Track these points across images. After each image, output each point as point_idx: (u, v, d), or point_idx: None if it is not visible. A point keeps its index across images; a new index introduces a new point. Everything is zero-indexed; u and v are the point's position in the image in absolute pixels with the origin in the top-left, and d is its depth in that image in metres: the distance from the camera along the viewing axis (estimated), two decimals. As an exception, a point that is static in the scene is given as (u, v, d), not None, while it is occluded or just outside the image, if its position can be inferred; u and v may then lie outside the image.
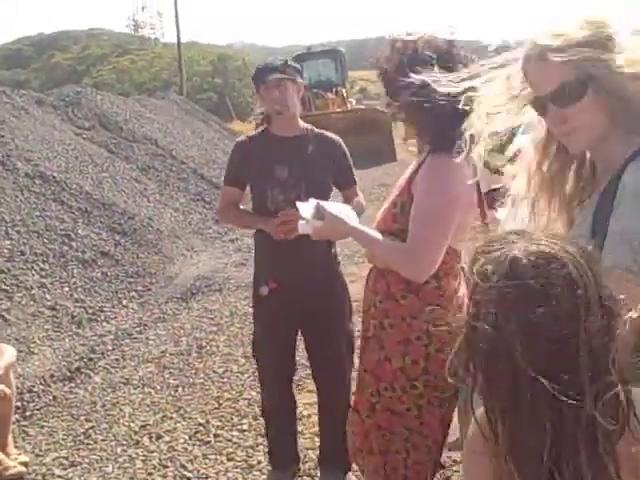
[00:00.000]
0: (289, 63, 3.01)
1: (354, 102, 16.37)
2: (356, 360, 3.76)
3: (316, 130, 3.08)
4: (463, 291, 2.16)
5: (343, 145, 3.09)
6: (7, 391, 3.41)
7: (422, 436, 2.12)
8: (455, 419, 2.26)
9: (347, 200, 3.04)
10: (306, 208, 2.28)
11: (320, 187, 2.90)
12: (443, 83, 1.64)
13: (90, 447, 3.79)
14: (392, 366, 2.11)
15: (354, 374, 3.35)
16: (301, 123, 3.07)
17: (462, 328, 1.10)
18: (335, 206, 2.30)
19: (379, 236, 2.11)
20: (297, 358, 3.25)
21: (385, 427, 2.15)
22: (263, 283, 3.07)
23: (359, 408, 2.27)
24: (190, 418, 4.02)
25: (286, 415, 3.22)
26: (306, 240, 2.32)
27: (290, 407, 3.22)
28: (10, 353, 3.63)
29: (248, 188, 3.10)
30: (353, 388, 3.14)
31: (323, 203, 2.25)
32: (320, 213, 2.21)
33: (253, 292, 3.17)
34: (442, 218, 2.00)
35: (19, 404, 4.09)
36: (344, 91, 17.28)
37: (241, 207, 3.17)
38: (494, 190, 2.04)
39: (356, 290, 3.19)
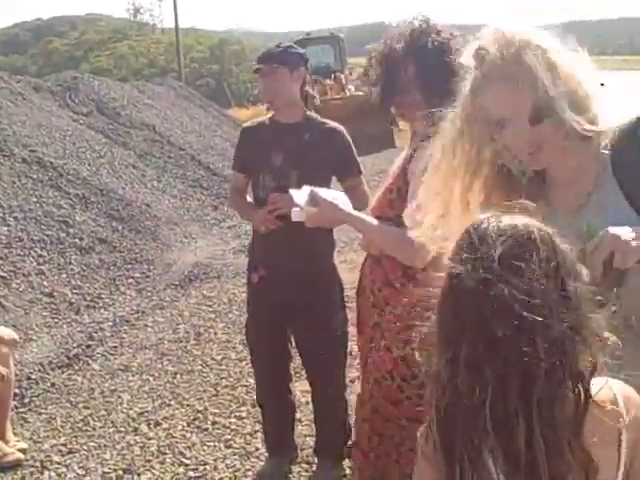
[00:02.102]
0: (289, 50, 2.95)
1: (353, 89, 16.23)
2: (354, 348, 3.76)
3: (319, 118, 3.04)
4: None
5: (346, 134, 3.03)
6: (5, 371, 3.38)
7: (420, 423, 2.11)
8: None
9: (348, 191, 2.91)
10: (300, 195, 2.26)
11: (314, 175, 2.85)
12: None
13: (88, 434, 3.79)
14: (392, 354, 2.10)
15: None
16: (305, 110, 3.03)
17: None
18: (329, 193, 2.29)
19: (375, 222, 2.10)
20: (294, 345, 3.25)
21: (382, 413, 2.15)
22: (253, 270, 3.07)
23: (362, 394, 2.27)
24: (188, 405, 4.02)
25: (280, 404, 3.21)
26: (302, 229, 2.30)
27: (284, 396, 3.22)
28: (6, 334, 3.61)
29: None
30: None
31: (317, 190, 2.23)
32: (314, 200, 2.19)
33: (246, 279, 3.18)
34: None
35: (17, 391, 4.08)
36: (343, 77, 17.17)
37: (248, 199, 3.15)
38: None
39: (354, 278, 3.17)
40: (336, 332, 3.02)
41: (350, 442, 3.00)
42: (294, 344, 3.21)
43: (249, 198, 3.16)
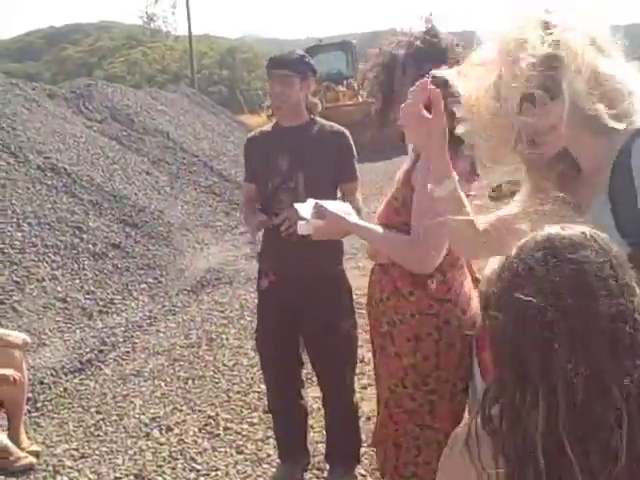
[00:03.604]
0: (302, 59, 2.96)
1: (365, 95, 16.27)
2: (366, 355, 3.76)
3: (322, 121, 3.05)
4: (469, 284, 2.14)
5: (349, 138, 3.02)
6: (17, 375, 3.39)
7: (434, 431, 2.11)
8: (466, 413, 2.25)
9: (344, 195, 2.96)
10: (305, 208, 2.27)
11: (320, 177, 2.87)
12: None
13: (100, 439, 3.80)
14: (402, 363, 2.09)
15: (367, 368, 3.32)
16: (309, 115, 3.04)
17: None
18: (334, 204, 2.30)
19: (381, 230, 2.11)
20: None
21: (397, 422, 2.15)
22: (263, 275, 3.08)
23: (380, 400, 2.28)
24: (200, 411, 4.03)
25: (292, 410, 3.19)
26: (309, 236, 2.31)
27: (296, 402, 3.20)
28: (19, 338, 3.63)
29: None
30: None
31: (322, 202, 2.25)
32: (320, 212, 2.21)
33: (256, 285, 3.19)
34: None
35: (30, 395, 4.11)
36: (355, 84, 17.20)
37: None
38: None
39: (366, 284, 3.17)
40: (344, 337, 3.01)
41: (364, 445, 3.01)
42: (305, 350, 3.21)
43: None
